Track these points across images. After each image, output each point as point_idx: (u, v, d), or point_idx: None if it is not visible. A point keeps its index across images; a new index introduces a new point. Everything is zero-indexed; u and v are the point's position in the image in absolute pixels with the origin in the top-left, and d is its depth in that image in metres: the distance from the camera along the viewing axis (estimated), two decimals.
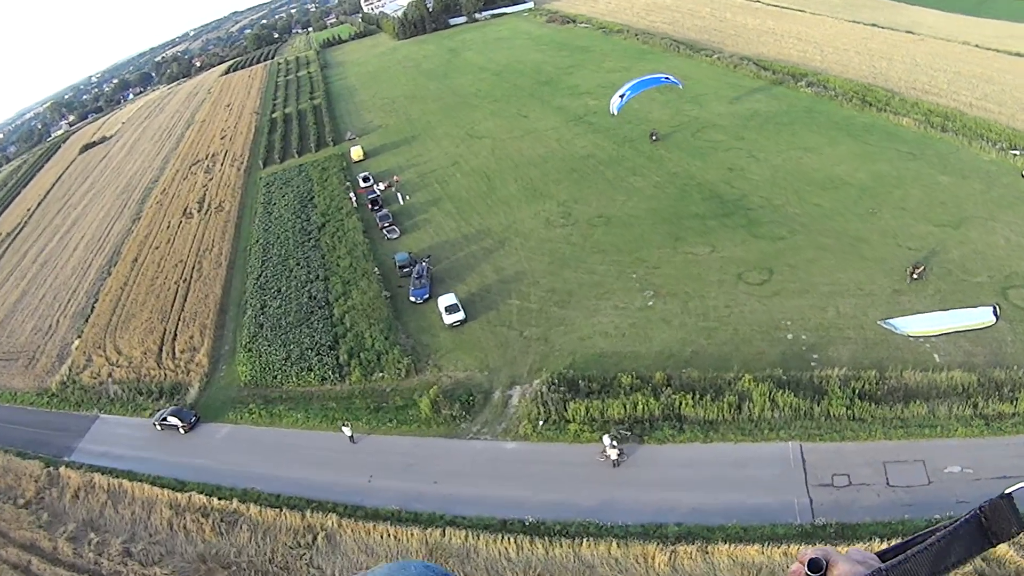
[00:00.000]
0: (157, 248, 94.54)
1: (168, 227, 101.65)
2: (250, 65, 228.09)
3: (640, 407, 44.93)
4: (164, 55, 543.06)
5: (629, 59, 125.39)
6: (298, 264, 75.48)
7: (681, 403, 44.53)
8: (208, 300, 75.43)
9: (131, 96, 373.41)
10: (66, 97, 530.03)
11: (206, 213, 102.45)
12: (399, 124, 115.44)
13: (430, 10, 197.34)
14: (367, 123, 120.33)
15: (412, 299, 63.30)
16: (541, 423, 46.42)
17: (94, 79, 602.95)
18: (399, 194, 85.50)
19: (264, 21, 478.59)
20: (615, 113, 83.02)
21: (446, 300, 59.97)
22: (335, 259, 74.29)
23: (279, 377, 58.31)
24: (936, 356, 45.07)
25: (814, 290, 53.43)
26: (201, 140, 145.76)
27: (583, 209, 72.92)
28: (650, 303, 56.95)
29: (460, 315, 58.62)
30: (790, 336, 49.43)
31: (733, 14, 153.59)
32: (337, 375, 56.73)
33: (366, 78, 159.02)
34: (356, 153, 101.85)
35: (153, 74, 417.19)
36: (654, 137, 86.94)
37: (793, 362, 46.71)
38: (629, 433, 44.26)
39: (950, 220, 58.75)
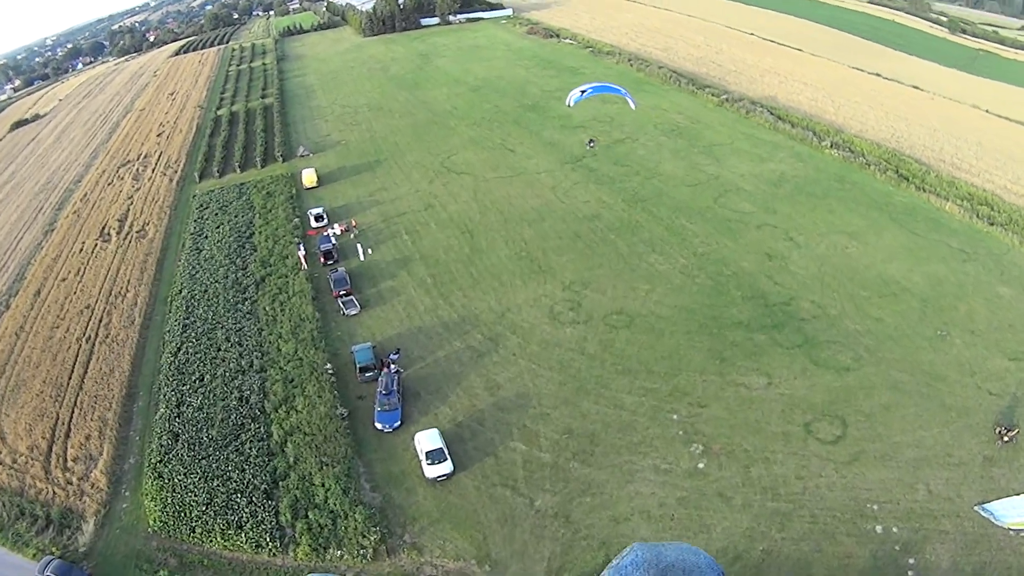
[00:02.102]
0: (64, 280, 72.97)
1: (81, 250, 79.95)
2: (203, 48, 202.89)
3: None
4: (122, 24, 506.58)
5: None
6: (228, 339, 55.62)
7: None
8: (113, 378, 55.05)
9: (80, 65, 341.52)
10: (19, 58, 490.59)
11: (126, 237, 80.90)
12: (361, 142, 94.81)
13: (401, 7, 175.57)
14: (324, 137, 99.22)
15: (379, 426, 44.24)
16: None
17: (49, 41, 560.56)
18: (359, 245, 65.63)
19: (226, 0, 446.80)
20: (571, 105, 73.84)
21: (427, 441, 41.68)
22: (276, 338, 54.68)
23: (198, 530, 39.17)
24: None
25: (898, 455, 40.09)
26: (136, 134, 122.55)
27: (596, 299, 54.62)
28: (701, 464, 39.71)
29: (447, 467, 40.51)
30: (879, 529, 36.16)
31: (729, 46, 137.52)
32: (278, 542, 37.96)
33: (327, 78, 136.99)
34: (308, 178, 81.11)
35: (106, 44, 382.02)
36: (591, 144, 79.63)
37: (887, 570, 34.13)
38: None
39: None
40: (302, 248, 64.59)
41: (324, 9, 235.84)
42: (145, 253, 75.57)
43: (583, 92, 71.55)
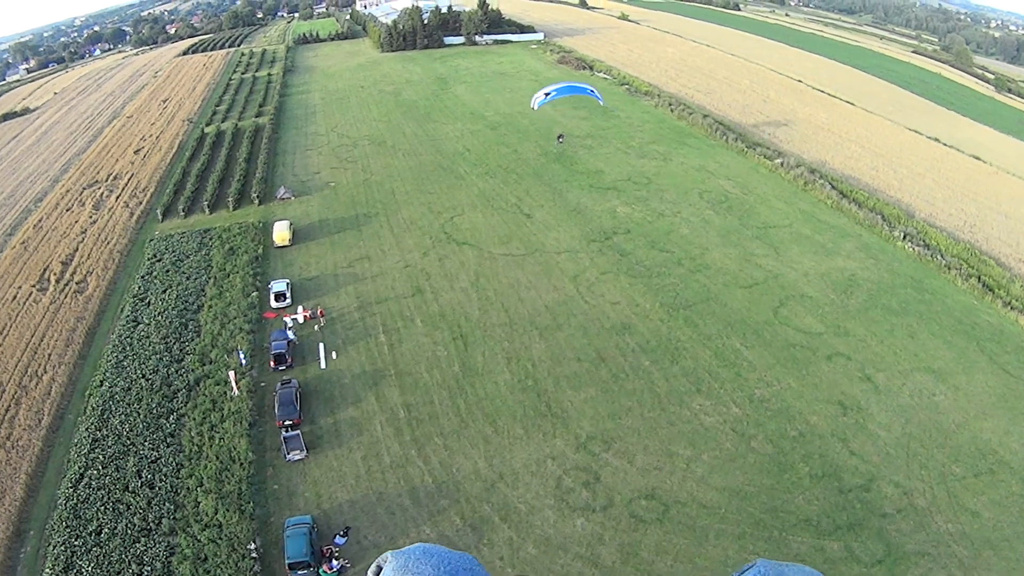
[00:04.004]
0: None
1: (14, 299, 66.17)
2: (213, 49, 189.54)
3: None
4: (151, 11, 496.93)
5: (666, 141, 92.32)
6: (139, 474, 41.46)
7: None
8: (1, 506, 40.69)
9: (97, 51, 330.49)
10: (45, 35, 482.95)
11: (64, 288, 66.92)
12: (353, 187, 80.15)
13: (425, 22, 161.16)
14: (312, 175, 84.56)
15: None
16: None
17: (78, 21, 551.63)
18: (321, 346, 50.72)
19: None
20: (535, 108, 66.17)
21: None
22: (196, 484, 40.63)
23: None
24: None
25: None
26: (115, 147, 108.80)
27: (621, 469, 39.84)
28: None
29: None
30: None
31: (777, 93, 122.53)
32: None
33: (332, 97, 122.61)
34: (280, 235, 66.45)
35: (129, 31, 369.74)
36: (560, 140, 73.74)
37: None
38: None
39: None
40: (241, 357, 49.42)
41: (348, 17, 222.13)
42: (77, 317, 61.26)
43: (547, 95, 63.82)
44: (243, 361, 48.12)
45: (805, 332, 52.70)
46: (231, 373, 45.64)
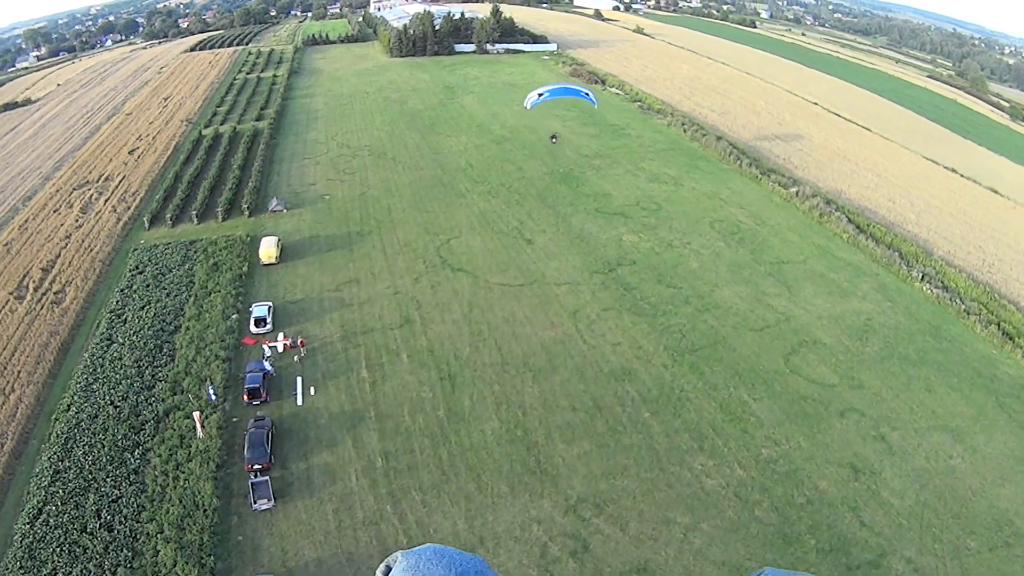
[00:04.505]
0: None
1: None
2: (221, 46, 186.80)
3: None
4: (167, 3, 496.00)
5: (677, 164, 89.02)
6: (98, 514, 38.23)
7: None
8: None
9: (108, 42, 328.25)
10: (61, 22, 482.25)
11: (41, 298, 63.98)
12: (349, 201, 76.93)
13: (436, 28, 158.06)
14: (307, 187, 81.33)
15: None
16: None
17: (94, 10, 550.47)
18: (299, 379, 47.29)
19: None
20: (528, 108, 68.41)
21: None
22: (156, 531, 37.24)
23: None
24: None
25: None
26: (110, 145, 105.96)
27: (612, 538, 36.66)
28: None
29: None
30: None
31: (793, 116, 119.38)
32: None
33: (336, 103, 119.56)
34: (267, 253, 63.14)
35: (143, 23, 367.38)
36: (553, 140, 74.44)
37: None
38: None
39: None
40: (211, 391, 46.06)
41: (360, 19, 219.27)
42: (51, 332, 58.10)
43: (540, 95, 65.56)
44: (212, 397, 44.81)
45: (818, 383, 49.29)
46: (196, 414, 42.19)
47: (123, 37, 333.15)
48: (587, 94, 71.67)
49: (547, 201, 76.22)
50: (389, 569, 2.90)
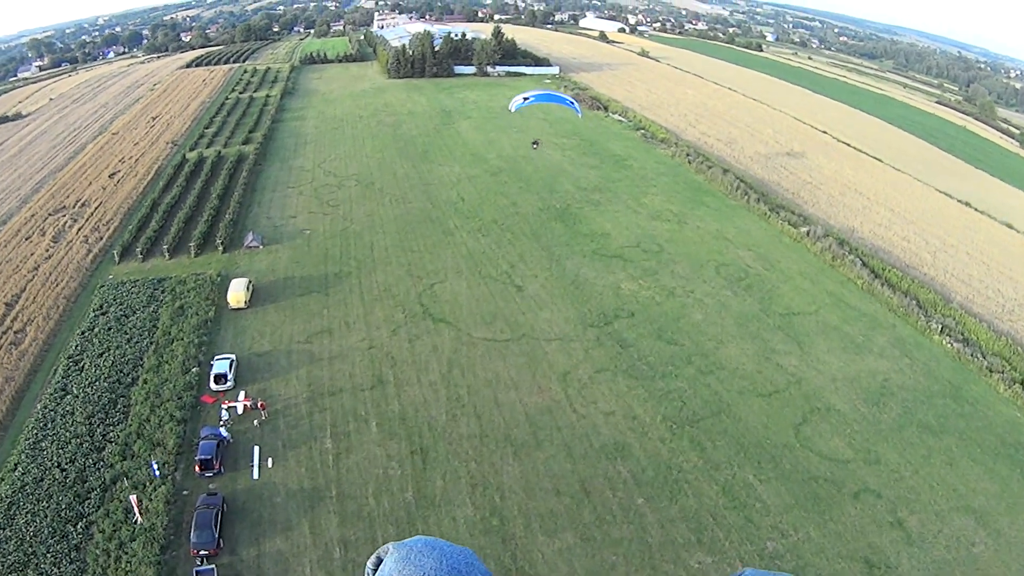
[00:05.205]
0: None
1: None
2: (218, 63, 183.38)
3: None
4: (173, 16, 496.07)
5: (681, 199, 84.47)
6: None
7: None
8: None
9: (111, 54, 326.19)
10: (68, 32, 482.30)
11: (1, 337, 59.26)
12: (330, 238, 72.26)
13: (435, 50, 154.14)
14: (287, 219, 76.66)
15: None
16: None
17: (101, 20, 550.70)
18: (256, 450, 42.42)
19: (281, 9, 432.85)
20: (512, 111, 68.54)
21: None
22: None
23: None
24: None
25: None
26: (92, 167, 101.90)
27: None
28: None
29: None
30: None
31: (802, 146, 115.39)
32: None
33: (327, 126, 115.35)
34: (235, 297, 58.44)
35: (146, 36, 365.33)
36: (535, 146, 75.78)
37: None
38: None
39: None
40: (155, 468, 41.13)
41: (361, 37, 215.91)
42: (6, 378, 53.51)
43: (526, 99, 66.57)
44: (156, 473, 39.91)
45: (831, 459, 44.35)
46: (132, 498, 37.28)
47: (126, 49, 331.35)
48: (572, 102, 69.11)
49: (541, 241, 71.53)
50: (380, 560, 2.81)
